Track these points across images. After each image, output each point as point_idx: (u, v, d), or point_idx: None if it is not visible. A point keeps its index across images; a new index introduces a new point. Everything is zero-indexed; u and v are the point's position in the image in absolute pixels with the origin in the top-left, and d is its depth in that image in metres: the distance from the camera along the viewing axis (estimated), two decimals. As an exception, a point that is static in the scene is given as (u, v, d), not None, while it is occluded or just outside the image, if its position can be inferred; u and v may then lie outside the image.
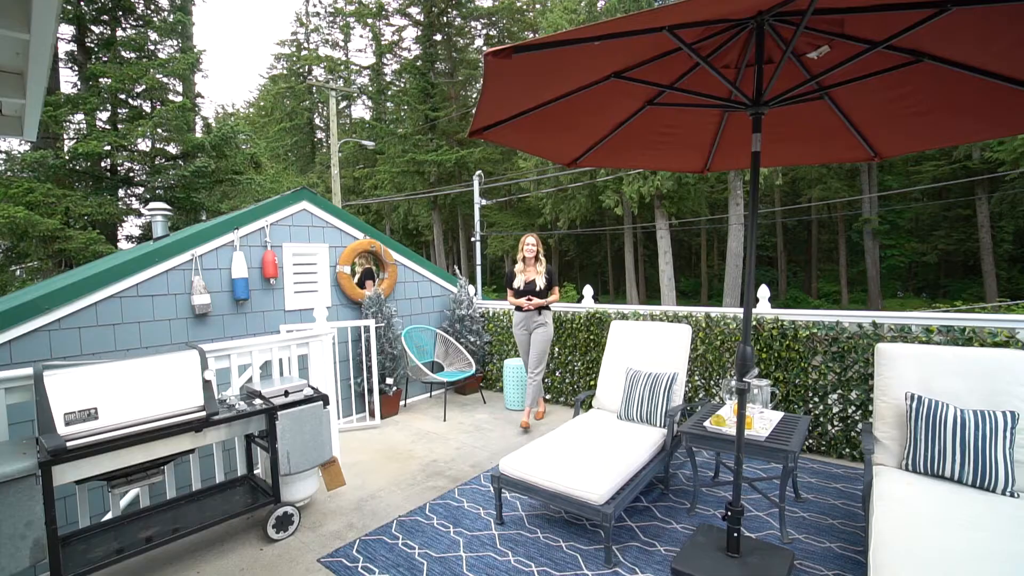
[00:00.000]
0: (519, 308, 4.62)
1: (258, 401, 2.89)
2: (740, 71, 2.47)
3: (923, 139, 2.60)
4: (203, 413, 2.51)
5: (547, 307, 4.62)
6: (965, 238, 23.88)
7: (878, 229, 24.07)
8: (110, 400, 2.24)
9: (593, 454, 2.89)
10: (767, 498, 2.99)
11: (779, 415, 3.01)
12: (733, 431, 2.81)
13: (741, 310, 4.22)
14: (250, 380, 3.35)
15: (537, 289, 4.53)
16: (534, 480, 2.71)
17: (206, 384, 2.56)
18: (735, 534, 2.40)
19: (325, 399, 3.08)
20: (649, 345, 3.70)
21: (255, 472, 3.30)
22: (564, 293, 24.30)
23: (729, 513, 2.39)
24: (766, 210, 28.25)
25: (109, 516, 2.78)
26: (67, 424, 2.09)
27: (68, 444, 2.07)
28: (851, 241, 26.76)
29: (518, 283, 4.64)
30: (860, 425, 3.60)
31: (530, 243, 4.58)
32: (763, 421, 2.88)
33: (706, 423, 2.90)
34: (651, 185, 18.12)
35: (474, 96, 30.28)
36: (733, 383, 3.15)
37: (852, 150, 2.93)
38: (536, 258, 4.60)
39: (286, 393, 2.97)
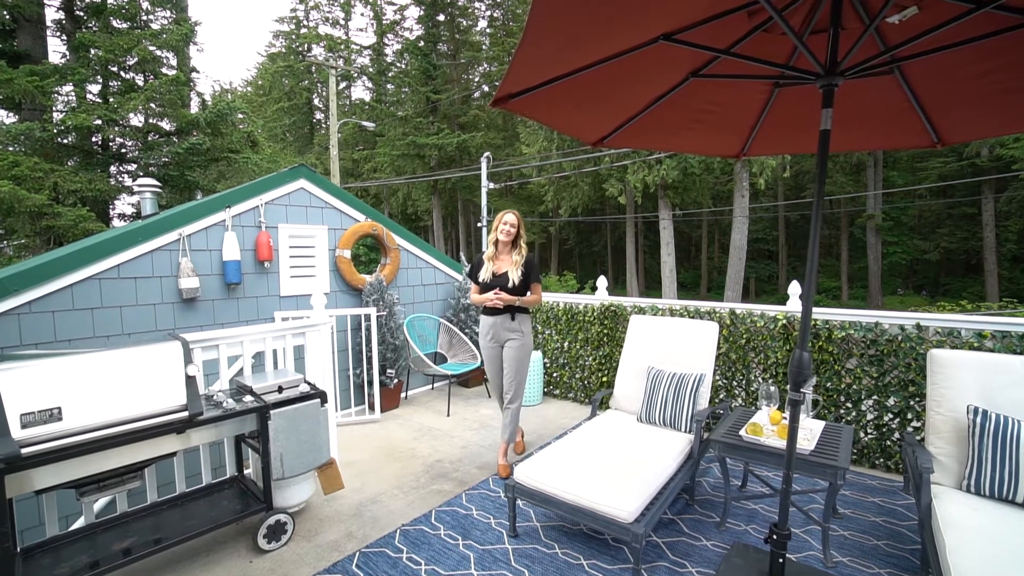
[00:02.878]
0: (487, 310, 3.48)
1: (249, 398, 2.61)
2: (803, 38, 2.17)
3: (1008, 122, 2.31)
4: (186, 413, 2.23)
5: (524, 311, 3.47)
6: (969, 236, 23.68)
7: (881, 225, 23.84)
8: (77, 398, 1.95)
9: (616, 462, 2.63)
10: (802, 512, 2.75)
11: (821, 424, 2.76)
12: (772, 442, 2.56)
13: (768, 307, 3.97)
14: (240, 373, 3.07)
15: (510, 285, 3.35)
16: (554, 492, 2.45)
17: (189, 380, 2.28)
18: (780, 559, 2.16)
19: (323, 396, 2.80)
20: (673, 343, 3.44)
21: (245, 472, 3.03)
22: (563, 282, 23.93)
23: (775, 536, 2.15)
24: (769, 203, 27.93)
25: (81, 522, 2.51)
26: (24, 427, 1.80)
27: (24, 450, 1.79)
28: (853, 237, 26.53)
29: (485, 275, 3.45)
30: (897, 434, 3.37)
31: (509, 221, 3.42)
32: (805, 431, 2.62)
33: (742, 432, 2.64)
34: (656, 174, 17.73)
35: (476, 79, 29.68)
36: (772, 388, 2.89)
37: (912, 135, 2.63)
38: (513, 243, 3.45)
39: (280, 389, 2.69)
